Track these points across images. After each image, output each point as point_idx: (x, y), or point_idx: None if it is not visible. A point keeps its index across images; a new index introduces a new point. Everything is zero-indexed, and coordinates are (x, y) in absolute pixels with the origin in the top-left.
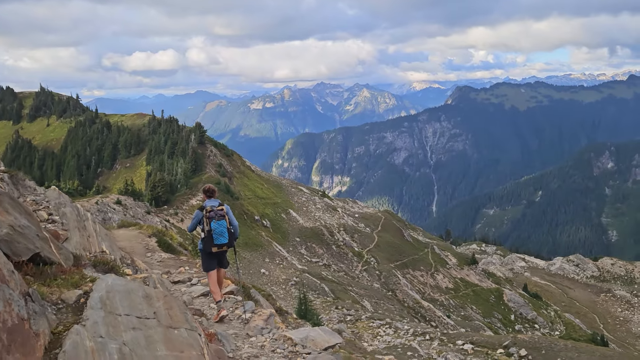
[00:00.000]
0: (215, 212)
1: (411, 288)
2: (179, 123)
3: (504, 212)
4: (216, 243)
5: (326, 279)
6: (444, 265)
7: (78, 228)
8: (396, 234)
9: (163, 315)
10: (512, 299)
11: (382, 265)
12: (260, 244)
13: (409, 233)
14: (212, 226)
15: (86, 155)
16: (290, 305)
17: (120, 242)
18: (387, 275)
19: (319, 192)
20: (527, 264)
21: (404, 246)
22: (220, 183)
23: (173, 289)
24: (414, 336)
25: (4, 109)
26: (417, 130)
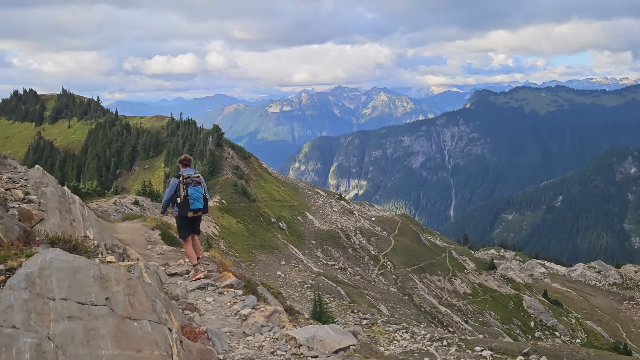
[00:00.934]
0: (192, 179)
1: (428, 293)
2: (197, 125)
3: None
4: (192, 208)
5: (342, 282)
6: (462, 270)
7: (59, 210)
8: (413, 238)
9: (120, 303)
10: (531, 306)
11: (398, 269)
12: (277, 247)
13: (426, 237)
14: (189, 191)
15: (106, 157)
16: (306, 308)
17: (121, 234)
18: (403, 279)
19: (335, 195)
20: (547, 270)
21: (421, 250)
22: (237, 185)
23: (168, 281)
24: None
25: (27, 111)
26: (435, 134)
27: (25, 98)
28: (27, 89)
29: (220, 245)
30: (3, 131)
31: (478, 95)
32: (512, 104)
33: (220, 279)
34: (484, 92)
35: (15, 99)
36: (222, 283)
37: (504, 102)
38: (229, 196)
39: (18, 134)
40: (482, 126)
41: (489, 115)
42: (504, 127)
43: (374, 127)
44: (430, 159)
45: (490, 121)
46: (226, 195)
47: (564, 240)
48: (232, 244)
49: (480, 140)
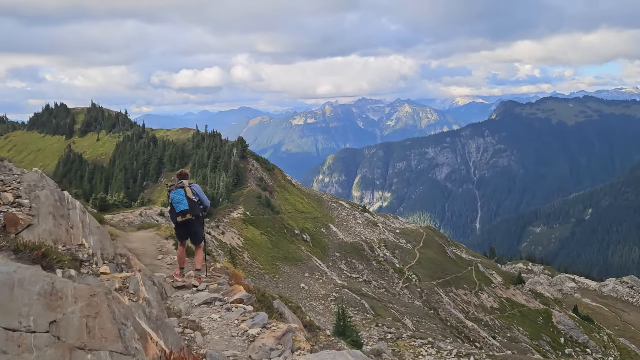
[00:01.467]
0: (175, 185)
1: (454, 307)
2: (222, 137)
3: (551, 230)
4: (177, 211)
5: (366, 295)
6: (489, 284)
7: (54, 215)
8: (438, 251)
9: (74, 328)
10: (561, 321)
11: (423, 282)
12: (300, 258)
13: (451, 250)
14: (171, 196)
15: (133, 169)
16: (329, 322)
17: (133, 243)
18: (429, 292)
19: (359, 207)
20: (577, 284)
21: (447, 263)
22: (261, 197)
23: (174, 294)
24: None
25: (57, 125)
26: (460, 146)
27: (56, 112)
28: (58, 103)
29: (244, 257)
30: (35, 144)
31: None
32: (539, 115)
33: (230, 292)
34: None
35: (46, 112)
36: (231, 297)
37: (531, 113)
38: (252, 208)
39: (49, 147)
40: (508, 137)
41: (515, 127)
42: (531, 139)
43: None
44: (455, 170)
45: (517, 132)
46: (250, 207)
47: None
48: (256, 255)
49: (507, 152)
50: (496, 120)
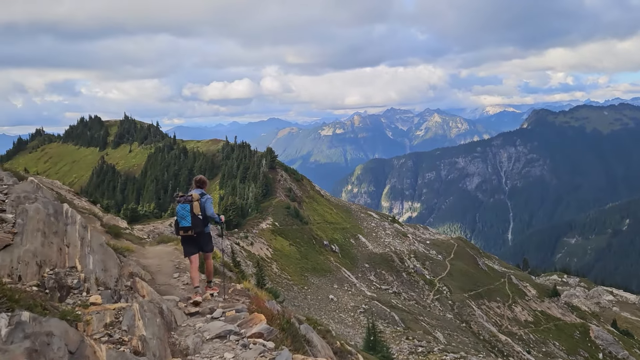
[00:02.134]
0: (184, 198)
1: (487, 320)
2: (251, 148)
3: (587, 241)
4: (180, 227)
5: (396, 307)
6: (523, 297)
7: (43, 233)
8: (470, 262)
9: None
10: (599, 336)
11: (455, 294)
12: (329, 270)
13: (483, 261)
14: (176, 209)
15: (164, 180)
16: (359, 334)
17: (149, 259)
18: (460, 305)
19: (388, 218)
20: (615, 297)
21: (479, 275)
22: (290, 207)
23: (185, 323)
24: None
25: (91, 137)
26: (491, 156)
27: (90, 124)
28: (93, 116)
29: (272, 268)
30: (70, 156)
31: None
32: (573, 124)
33: (249, 323)
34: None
35: (81, 125)
36: (249, 330)
37: (564, 122)
38: (281, 218)
39: (83, 159)
40: (541, 147)
41: (548, 136)
42: (564, 148)
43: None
44: (486, 180)
45: (550, 141)
46: (279, 218)
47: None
48: (285, 266)
49: (539, 161)
50: (528, 129)
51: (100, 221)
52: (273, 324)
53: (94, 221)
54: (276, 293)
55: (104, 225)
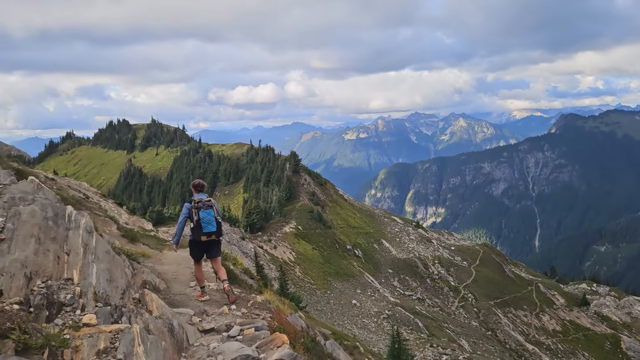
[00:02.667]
0: (204, 203)
1: (513, 329)
2: (275, 152)
3: (617, 249)
4: (205, 232)
5: (420, 314)
6: (551, 306)
7: (38, 239)
8: (496, 269)
9: None
10: (631, 347)
11: (480, 302)
12: (352, 274)
13: (510, 269)
14: (201, 215)
15: (189, 183)
16: (381, 340)
17: (165, 265)
18: (486, 313)
19: (412, 223)
20: None
21: (505, 282)
22: (313, 211)
23: (199, 342)
24: None
25: (120, 140)
26: (518, 161)
27: (118, 127)
28: (121, 119)
29: (295, 272)
30: (98, 159)
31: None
32: (603, 129)
33: (270, 345)
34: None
35: (110, 128)
36: (269, 355)
37: (594, 127)
38: (304, 222)
39: (111, 162)
40: (570, 152)
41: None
42: (594, 153)
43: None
44: (512, 186)
45: (579, 147)
46: (302, 222)
47: None
48: (308, 270)
49: (568, 167)
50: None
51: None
52: (297, 343)
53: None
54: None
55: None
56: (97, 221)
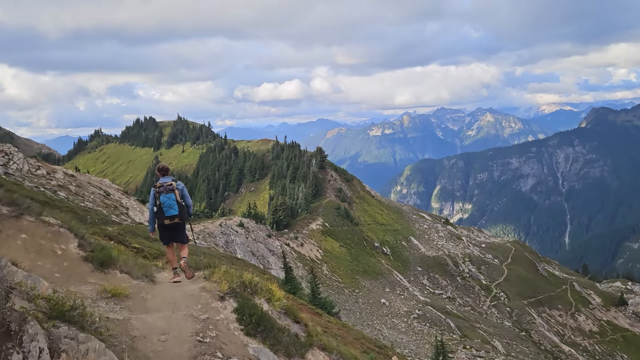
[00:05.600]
0: (165, 187)
1: (548, 329)
2: (301, 148)
3: None
4: (167, 215)
5: (451, 313)
6: (587, 305)
7: None
8: (529, 267)
9: None
10: None
11: (513, 301)
12: (380, 272)
13: (543, 267)
14: (161, 199)
15: (215, 180)
16: (412, 340)
17: (153, 311)
18: (519, 313)
19: (441, 220)
20: None
21: (538, 281)
22: (340, 208)
23: None
24: None
25: (146, 137)
26: (547, 156)
27: (145, 125)
28: (148, 117)
29: (323, 270)
30: (126, 156)
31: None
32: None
33: None
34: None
35: (137, 126)
36: None
37: (627, 120)
38: (331, 219)
39: (138, 159)
40: (601, 146)
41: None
42: (627, 148)
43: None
44: (541, 182)
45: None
46: (329, 218)
47: None
48: (335, 268)
49: (599, 162)
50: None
51: (79, 239)
52: None
53: (65, 241)
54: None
55: (83, 247)
56: (42, 236)
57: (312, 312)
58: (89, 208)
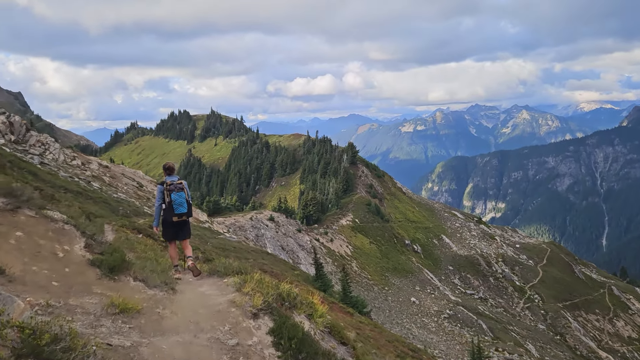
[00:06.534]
0: (175, 185)
1: (584, 334)
2: (332, 143)
3: None
4: (177, 212)
5: (483, 314)
6: (626, 310)
7: None
8: (565, 270)
9: None
10: None
11: (548, 304)
12: (411, 270)
13: (579, 269)
14: (172, 197)
15: (246, 174)
16: (442, 341)
17: (171, 332)
18: (554, 316)
19: (474, 218)
20: None
21: (575, 284)
22: (371, 204)
23: None
24: None
25: (180, 130)
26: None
27: (179, 118)
28: (182, 110)
29: (352, 266)
30: (160, 149)
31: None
32: None
33: None
34: None
35: (171, 119)
36: None
37: None
38: (362, 215)
39: (172, 151)
40: None
41: None
42: None
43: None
44: (578, 181)
45: None
46: (359, 214)
47: None
48: (365, 265)
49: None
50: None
51: (87, 239)
52: None
53: (70, 241)
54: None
55: (91, 248)
56: (42, 234)
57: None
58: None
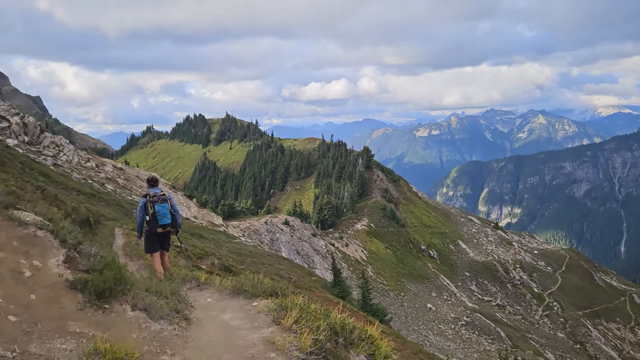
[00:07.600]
0: (158, 197)
1: (605, 343)
2: (347, 147)
3: None
4: (161, 224)
5: (501, 322)
6: None
7: None
8: (584, 277)
9: None
10: None
11: (567, 311)
12: (427, 276)
13: (599, 276)
14: (156, 208)
15: (261, 177)
16: (460, 349)
17: None
18: (574, 324)
19: (491, 224)
20: None
21: (595, 292)
22: (386, 209)
23: None
24: None
25: (196, 134)
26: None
27: (195, 122)
28: (197, 114)
29: (368, 271)
30: (175, 152)
31: None
32: None
33: None
34: None
35: (187, 123)
36: None
37: None
38: (377, 220)
39: (188, 155)
40: None
41: None
42: None
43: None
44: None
45: None
46: (374, 219)
47: None
48: (380, 270)
49: None
50: None
51: (66, 251)
52: None
53: (42, 251)
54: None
55: (70, 262)
56: (4, 244)
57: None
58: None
